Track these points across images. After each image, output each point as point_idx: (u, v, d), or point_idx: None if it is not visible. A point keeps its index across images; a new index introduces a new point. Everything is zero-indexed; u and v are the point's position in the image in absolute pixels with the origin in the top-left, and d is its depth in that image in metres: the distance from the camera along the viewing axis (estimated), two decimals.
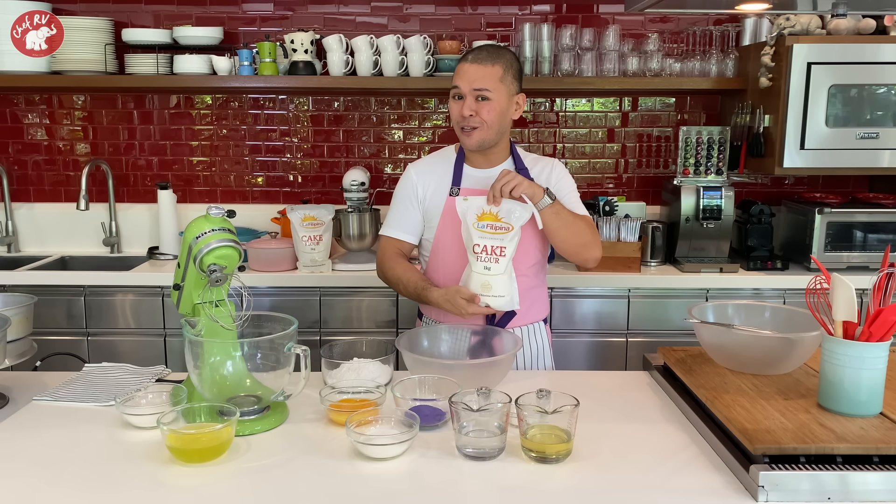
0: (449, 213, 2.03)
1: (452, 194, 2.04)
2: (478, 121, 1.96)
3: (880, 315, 1.35)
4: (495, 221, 1.85)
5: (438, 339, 1.90)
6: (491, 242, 1.85)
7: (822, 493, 1.24)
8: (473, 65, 1.95)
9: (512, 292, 1.87)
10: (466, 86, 1.95)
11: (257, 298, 2.87)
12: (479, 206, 1.87)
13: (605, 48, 3.18)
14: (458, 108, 1.98)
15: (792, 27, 2.90)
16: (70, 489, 1.30)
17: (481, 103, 1.95)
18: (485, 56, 1.96)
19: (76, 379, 1.80)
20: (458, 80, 1.98)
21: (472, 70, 1.95)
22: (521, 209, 1.86)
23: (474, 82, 1.94)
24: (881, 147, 2.93)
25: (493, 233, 1.85)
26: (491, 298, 1.85)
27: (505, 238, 1.85)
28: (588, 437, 1.46)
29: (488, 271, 1.85)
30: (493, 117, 1.96)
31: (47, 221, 3.47)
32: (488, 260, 1.85)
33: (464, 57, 2.00)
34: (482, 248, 1.85)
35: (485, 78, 1.94)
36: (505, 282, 1.86)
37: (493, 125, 1.97)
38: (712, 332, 1.69)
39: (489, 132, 1.98)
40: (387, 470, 1.36)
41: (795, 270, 3.06)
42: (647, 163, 3.50)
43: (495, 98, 1.95)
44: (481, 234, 1.85)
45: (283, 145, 3.48)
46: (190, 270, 1.54)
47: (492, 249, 1.85)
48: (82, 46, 3.13)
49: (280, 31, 3.33)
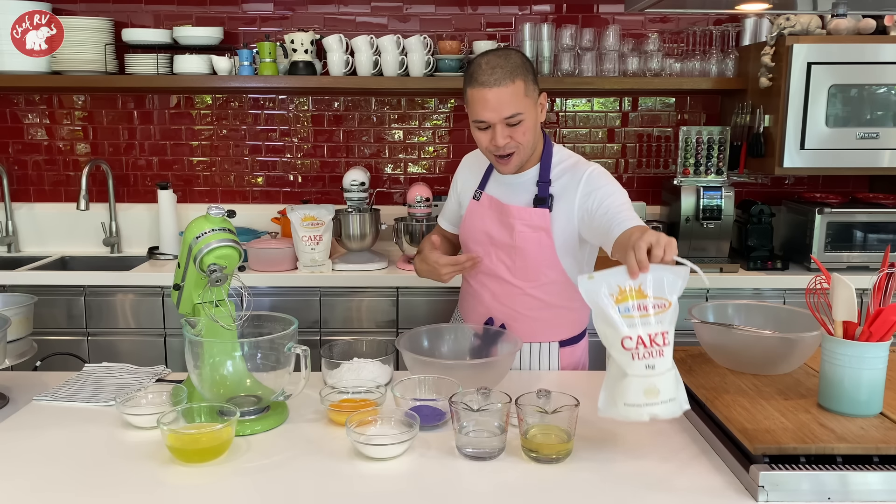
0: (469, 217, 1.98)
1: (475, 197, 1.96)
2: (514, 145, 1.78)
3: (880, 315, 1.35)
4: (643, 299, 1.34)
5: (439, 339, 1.90)
6: (647, 330, 1.33)
7: (822, 493, 1.24)
8: (494, 89, 1.71)
9: (681, 389, 1.36)
10: (495, 116, 1.73)
11: (257, 298, 2.87)
12: (613, 284, 1.35)
13: (605, 48, 3.18)
14: (487, 138, 1.77)
15: (792, 27, 2.90)
16: (70, 489, 1.30)
17: (514, 128, 1.76)
18: (500, 74, 1.71)
19: (76, 379, 1.80)
20: (482, 111, 1.73)
21: (493, 96, 1.71)
22: (671, 274, 1.36)
23: (502, 111, 1.72)
24: (881, 147, 2.93)
25: (645, 315, 1.34)
26: (658, 406, 1.33)
27: (664, 319, 1.35)
28: (588, 437, 1.46)
29: (652, 370, 1.32)
30: (529, 137, 1.79)
31: (47, 221, 3.47)
32: (649, 355, 1.33)
33: (474, 80, 1.74)
34: (636, 341, 1.32)
35: (512, 101, 1.72)
36: (673, 379, 1.35)
37: (528, 143, 1.80)
38: (712, 332, 1.69)
39: (526, 152, 1.82)
40: (387, 470, 1.36)
41: (795, 270, 3.06)
42: (647, 163, 3.50)
43: (528, 115, 1.76)
44: (630, 322, 1.33)
45: (284, 145, 3.48)
46: (190, 270, 1.54)
47: (651, 340, 1.33)
48: (82, 46, 3.13)
49: (280, 31, 3.33)
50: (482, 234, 1.95)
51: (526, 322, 1.94)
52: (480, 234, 1.95)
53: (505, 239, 1.90)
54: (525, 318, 1.94)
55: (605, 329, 1.35)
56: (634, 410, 1.30)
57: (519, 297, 1.93)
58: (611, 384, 1.36)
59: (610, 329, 1.34)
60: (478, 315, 2.01)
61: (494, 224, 1.92)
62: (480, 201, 1.96)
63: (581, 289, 1.36)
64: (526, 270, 1.89)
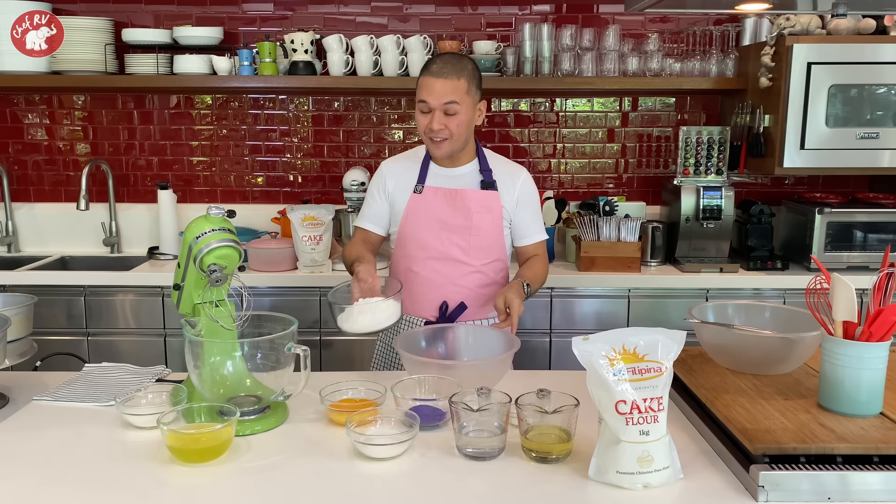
0: (412, 210, 2.13)
1: (416, 191, 2.13)
2: (447, 133, 2.03)
3: (880, 315, 1.35)
4: (639, 362, 1.31)
5: (436, 338, 1.88)
6: (640, 395, 1.29)
7: (822, 493, 1.24)
8: (440, 80, 2.00)
9: (674, 457, 1.33)
10: (435, 101, 2.00)
11: (257, 298, 2.87)
12: (608, 346, 1.31)
13: (605, 48, 3.18)
14: (426, 121, 2.04)
15: (792, 27, 2.90)
16: (70, 489, 1.30)
17: (450, 117, 2.02)
18: (449, 70, 2.01)
19: (76, 379, 1.80)
20: (426, 94, 2.02)
21: (438, 85, 2.00)
22: (666, 338, 1.33)
23: (442, 97, 2.00)
24: (881, 147, 2.93)
25: (640, 379, 1.30)
26: (651, 475, 1.29)
27: (659, 384, 1.30)
28: (588, 437, 1.46)
29: (647, 437, 1.28)
30: (462, 129, 2.04)
31: (47, 221, 3.47)
32: (643, 420, 1.28)
33: (426, 69, 2.04)
34: (630, 406, 1.28)
35: (452, 92, 2.00)
36: (667, 446, 1.31)
37: (460, 136, 2.05)
38: (712, 332, 1.69)
39: (457, 142, 2.06)
40: (387, 470, 1.36)
41: (795, 270, 3.06)
42: (647, 163, 3.51)
43: (463, 111, 2.02)
44: (623, 385, 1.29)
45: (283, 145, 3.48)
46: (190, 270, 1.54)
47: (646, 406, 1.29)
48: (82, 46, 3.13)
49: (280, 31, 3.33)
50: (433, 221, 2.13)
51: (479, 299, 2.14)
52: (431, 222, 2.13)
53: (459, 221, 2.11)
54: (478, 296, 2.14)
55: (598, 392, 1.31)
56: (627, 479, 1.27)
57: (472, 274, 2.13)
58: (603, 450, 1.32)
59: (604, 392, 1.30)
60: (429, 301, 2.13)
61: (446, 210, 2.12)
62: (423, 194, 2.14)
63: (575, 350, 1.33)
64: (479, 249, 2.13)
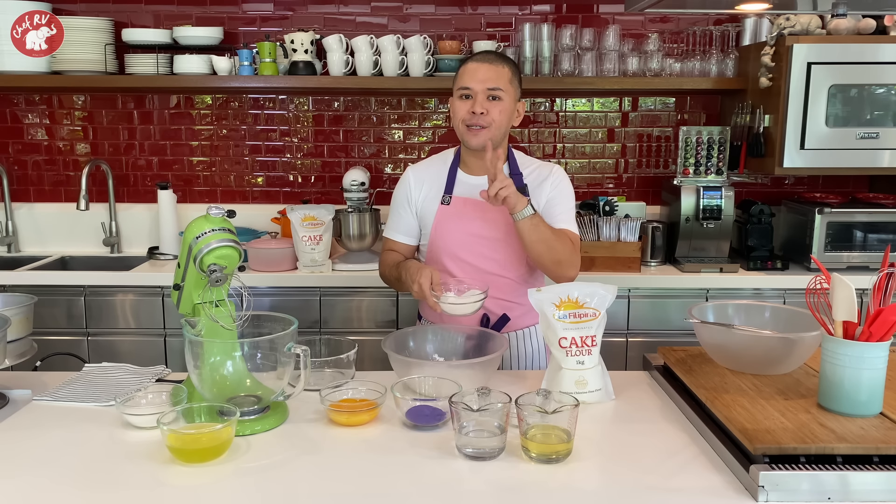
0: (440, 222, 2.03)
1: (444, 202, 2.04)
2: (488, 120, 1.93)
3: (880, 315, 1.35)
4: (578, 308, 1.66)
5: (425, 339, 1.87)
6: (578, 333, 1.65)
7: (822, 493, 1.24)
8: (484, 64, 1.93)
9: (606, 382, 1.68)
10: (479, 85, 1.92)
11: (257, 298, 2.87)
12: (554, 294, 1.67)
13: (605, 48, 3.18)
14: (466, 107, 1.94)
15: (792, 27, 2.90)
16: (70, 489, 1.30)
17: (493, 102, 1.93)
18: (493, 57, 1.96)
19: (76, 379, 1.80)
20: (468, 79, 1.94)
21: (483, 69, 1.93)
22: (603, 290, 1.68)
23: (487, 81, 1.92)
24: (881, 147, 2.93)
25: (578, 321, 1.65)
26: (586, 395, 1.64)
27: (593, 325, 1.66)
28: (588, 437, 1.47)
29: (582, 366, 1.64)
30: (504, 118, 1.95)
31: (47, 221, 3.47)
32: (579, 353, 1.65)
33: (468, 60, 1.98)
34: (570, 342, 1.64)
35: (496, 78, 1.93)
36: (599, 374, 1.67)
37: (501, 126, 1.95)
38: (712, 332, 1.69)
39: (496, 132, 1.95)
40: (387, 470, 1.36)
41: (795, 270, 3.06)
42: (647, 163, 3.50)
43: (506, 99, 1.94)
44: (565, 326, 1.65)
45: (284, 145, 3.48)
46: (190, 270, 1.54)
47: (582, 341, 1.65)
48: (82, 46, 3.13)
49: (280, 31, 3.33)
50: (463, 235, 2.01)
51: (520, 308, 2.04)
52: (461, 235, 2.01)
53: (491, 234, 2.00)
54: (519, 306, 2.04)
55: (546, 331, 1.68)
56: (568, 397, 1.44)
57: (511, 285, 2.03)
58: (550, 376, 1.68)
59: (550, 331, 1.66)
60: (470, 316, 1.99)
61: (476, 222, 2.00)
62: (451, 205, 2.03)
63: (531, 299, 1.68)
64: (516, 260, 2.01)
